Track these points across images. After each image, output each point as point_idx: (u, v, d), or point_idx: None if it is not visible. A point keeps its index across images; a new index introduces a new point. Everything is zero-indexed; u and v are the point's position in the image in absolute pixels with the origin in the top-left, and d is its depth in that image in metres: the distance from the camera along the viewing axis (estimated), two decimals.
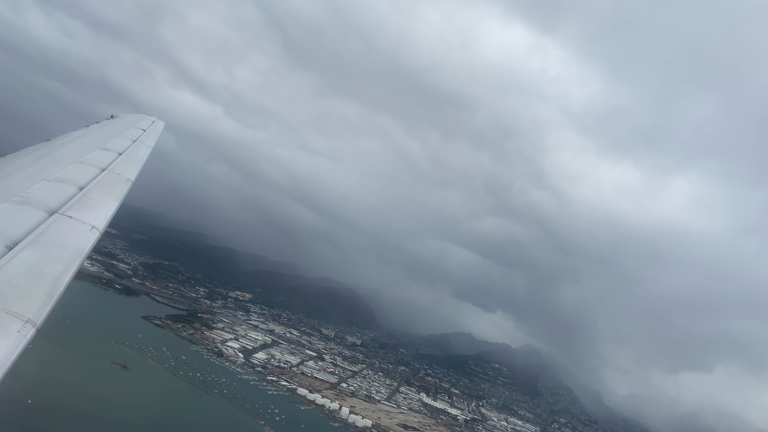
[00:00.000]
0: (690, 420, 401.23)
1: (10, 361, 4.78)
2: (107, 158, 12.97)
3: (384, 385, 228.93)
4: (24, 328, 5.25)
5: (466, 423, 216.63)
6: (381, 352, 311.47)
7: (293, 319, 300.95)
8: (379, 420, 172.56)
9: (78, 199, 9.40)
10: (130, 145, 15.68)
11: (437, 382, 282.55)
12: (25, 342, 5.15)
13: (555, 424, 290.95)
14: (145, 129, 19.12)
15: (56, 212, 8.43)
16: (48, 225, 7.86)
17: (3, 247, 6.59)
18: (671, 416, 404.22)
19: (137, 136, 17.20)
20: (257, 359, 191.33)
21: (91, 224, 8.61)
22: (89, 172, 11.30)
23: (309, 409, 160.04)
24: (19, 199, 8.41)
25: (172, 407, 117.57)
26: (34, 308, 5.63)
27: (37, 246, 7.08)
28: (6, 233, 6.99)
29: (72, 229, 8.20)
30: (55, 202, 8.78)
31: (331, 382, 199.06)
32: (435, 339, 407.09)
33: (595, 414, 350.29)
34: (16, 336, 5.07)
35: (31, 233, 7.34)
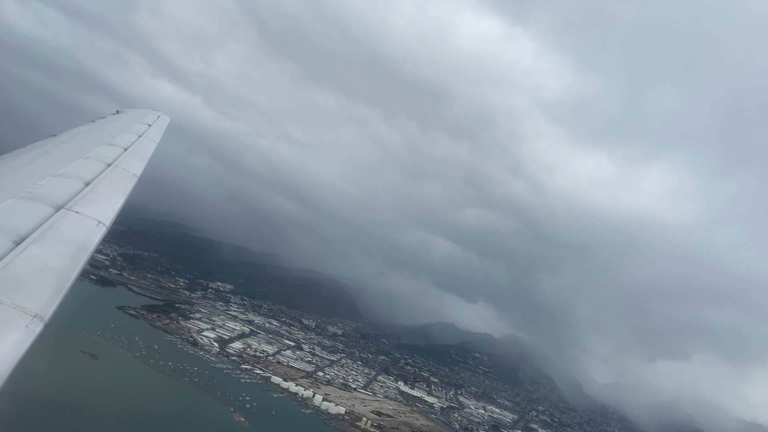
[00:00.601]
0: (669, 408, 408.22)
1: (18, 356, 4.83)
2: (113, 153, 13.06)
3: (362, 374, 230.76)
4: (32, 323, 5.27)
5: (442, 410, 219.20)
6: (362, 342, 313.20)
7: (274, 310, 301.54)
8: (353, 407, 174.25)
9: (84, 195, 9.44)
10: (135, 140, 15.75)
11: (417, 371, 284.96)
12: (34, 337, 5.19)
13: (533, 412, 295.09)
14: (150, 124, 19.25)
15: (63, 207, 8.48)
16: (55, 220, 7.92)
17: (10, 243, 6.64)
18: (650, 404, 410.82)
19: (142, 131, 17.29)
20: (233, 348, 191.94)
21: (97, 219, 8.64)
22: (95, 167, 11.37)
23: (282, 397, 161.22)
24: (25, 195, 8.45)
25: (138, 394, 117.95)
26: (41, 303, 5.66)
27: (44, 241, 7.12)
28: (13, 229, 7.03)
29: (78, 225, 8.24)
30: (62, 197, 8.84)
31: (308, 370, 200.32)
32: (417, 329, 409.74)
33: (574, 402, 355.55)
34: (24, 331, 5.10)
35: (38, 228, 7.38)
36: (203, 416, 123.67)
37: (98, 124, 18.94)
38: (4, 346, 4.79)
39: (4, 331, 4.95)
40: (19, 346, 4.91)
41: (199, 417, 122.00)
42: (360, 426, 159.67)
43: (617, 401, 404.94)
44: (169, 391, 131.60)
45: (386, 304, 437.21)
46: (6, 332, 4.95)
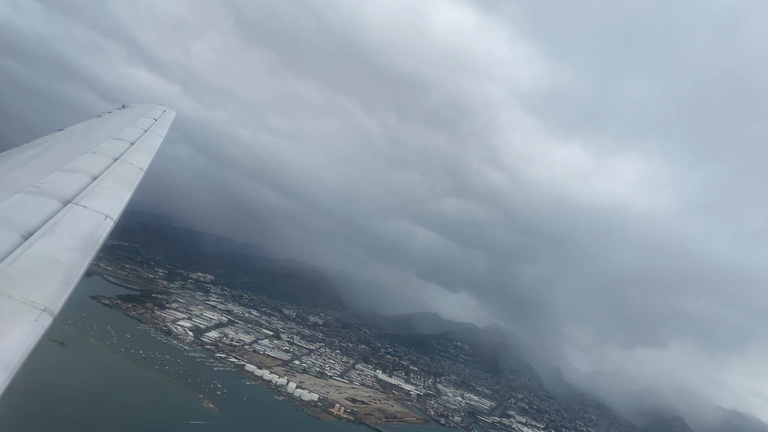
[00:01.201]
0: (647, 395, 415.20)
1: (28, 350, 4.87)
2: (119, 148, 13.09)
3: (340, 363, 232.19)
4: (41, 316, 5.32)
5: (418, 398, 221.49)
6: (343, 331, 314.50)
7: (255, 300, 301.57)
8: (327, 394, 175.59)
9: (91, 189, 9.48)
10: (141, 134, 15.69)
11: (397, 360, 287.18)
12: (43, 331, 5.22)
13: (512, 399, 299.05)
14: (156, 118, 19.27)
15: (70, 202, 8.52)
16: (62, 215, 7.97)
17: (19, 237, 6.68)
18: (629, 391, 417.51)
19: (148, 126, 17.31)
20: (208, 338, 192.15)
21: (104, 213, 8.68)
22: (102, 161, 11.41)
23: (255, 384, 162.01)
24: (33, 190, 8.51)
25: (104, 382, 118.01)
26: (50, 297, 5.71)
27: (52, 235, 7.17)
28: (21, 223, 7.07)
29: (86, 219, 8.27)
30: (69, 191, 8.87)
31: (284, 359, 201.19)
32: (400, 319, 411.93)
33: (554, 390, 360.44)
34: (33, 325, 5.14)
35: (46, 223, 7.44)
36: (171, 403, 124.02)
37: (104, 119, 19.06)
38: (14, 339, 4.83)
39: (14, 325, 4.99)
40: (29, 340, 4.92)
41: (166, 403, 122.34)
42: (333, 412, 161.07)
43: (597, 389, 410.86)
44: (137, 378, 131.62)
45: (369, 295, 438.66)
46: (15, 326, 4.99)
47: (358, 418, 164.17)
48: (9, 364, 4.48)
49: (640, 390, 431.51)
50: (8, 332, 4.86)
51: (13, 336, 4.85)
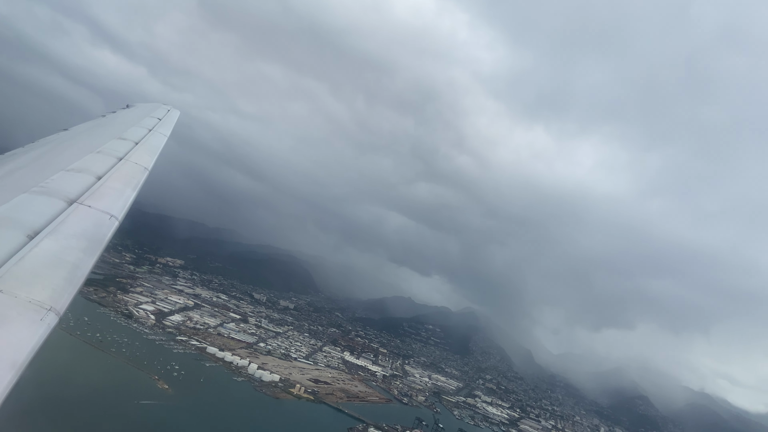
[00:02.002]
0: (614, 375, 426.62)
1: (34, 349, 4.91)
2: (124, 147, 13.09)
3: (307, 345, 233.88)
4: (47, 316, 5.35)
5: (384, 378, 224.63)
6: (314, 315, 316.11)
7: (225, 285, 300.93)
8: (289, 375, 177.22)
9: (96, 189, 9.49)
10: (146, 134, 15.70)
11: (367, 342, 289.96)
12: (49, 330, 5.25)
13: (480, 380, 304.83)
14: (160, 118, 19.21)
15: (75, 202, 8.54)
16: (67, 214, 7.98)
17: (24, 237, 6.69)
18: (597, 372, 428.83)
19: (153, 125, 17.30)
20: (171, 321, 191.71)
21: (109, 213, 8.72)
22: (106, 161, 11.42)
23: (215, 366, 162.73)
24: (38, 189, 8.51)
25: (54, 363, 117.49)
26: (56, 297, 5.74)
27: (57, 235, 7.17)
28: (27, 223, 7.08)
29: (91, 218, 8.29)
30: (74, 191, 8.88)
31: (249, 342, 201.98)
32: (374, 303, 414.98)
33: (524, 371, 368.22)
34: (38, 324, 5.18)
35: (51, 223, 7.45)
36: (123, 384, 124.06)
37: (109, 119, 19.07)
38: (20, 338, 4.86)
39: (20, 324, 5.03)
40: (35, 339, 4.96)
41: (117, 384, 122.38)
42: (293, 392, 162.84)
43: (567, 370, 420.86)
44: (90, 360, 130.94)
45: (343, 279, 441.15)
46: (21, 325, 5.02)
47: (318, 397, 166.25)
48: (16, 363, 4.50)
49: (608, 370, 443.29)
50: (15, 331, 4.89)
51: (19, 335, 4.88)
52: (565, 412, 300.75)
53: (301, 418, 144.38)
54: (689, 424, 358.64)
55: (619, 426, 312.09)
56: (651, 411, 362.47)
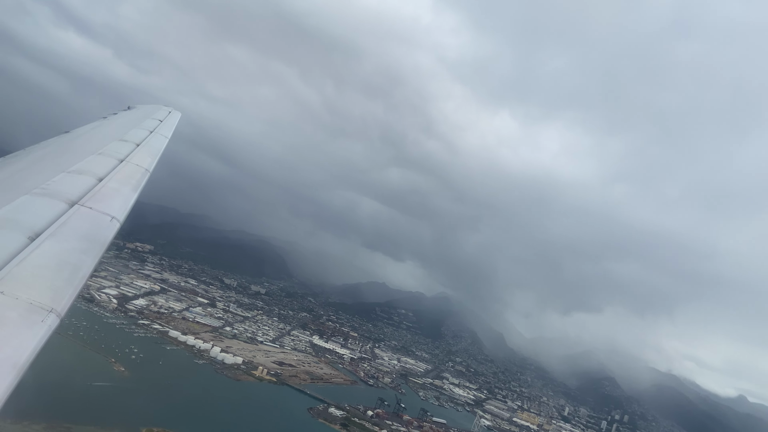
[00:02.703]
0: (582, 358, 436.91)
1: (35, 350, 4.89)
2: (125, 149, 13.06)
3: (275, 329, 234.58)
4: (48, 317, 5.32)
5: (352, 361, 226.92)
6: (286, 300, 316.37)
7: (195, 270, 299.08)
8: (253, 358, 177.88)
9: (97, 190, 9.45)
10: (147, 135, 15.71)
11: (338, 327, 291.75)
12: (50, 332, 5.22)
13: (450, 363, 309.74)
14: (161, 119, 19.16)
15: (76, 203, 8.50)
16: (69, 216, 7.95)
17: (25, 239, 6.66)
18: (567, 355, 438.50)
19: (154, 127, 17.26)
20: (134, 305, 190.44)
21: (111, 215, 8.69)
22: (108, 163, 11.35)
23: (176, 350, 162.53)
24: (39, 191, 8.47)
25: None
26: (57, 298, 5.71)
27: (58, 237, 7.15)
28: (28, 224, 7.06)
29: (92, 220, 8.27)
30: (75, 193, 8.85)
31: (214, 326, 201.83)
32: (348, 288, 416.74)
33: (495, 354, 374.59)
34: (40, 326, 5.15)
35: (53, 224, 7.42)
36: (77, 366, 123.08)
37: (110, 120, 19.02)
38: (22, 340, 4.85)
39: (21, 326, 5.01)
40: (36, 340, 4.95)
41: (72, 366, 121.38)
42: (255, 374, 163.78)
43: (538, 353, 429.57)
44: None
45: (318, 265, 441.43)
46: (23, 327, 5.01)
47: (281, 379, 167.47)
48: (17, 364, 4.52)
49: (577, 353, 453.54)
50: (16, 333, 4.89)
51: (20, 336, 4.88)
52: (532, 394, 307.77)
53: (261, 399, 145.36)
54: (654, 404, 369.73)
55: (585, 406, 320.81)
56: (617, 392, 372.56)
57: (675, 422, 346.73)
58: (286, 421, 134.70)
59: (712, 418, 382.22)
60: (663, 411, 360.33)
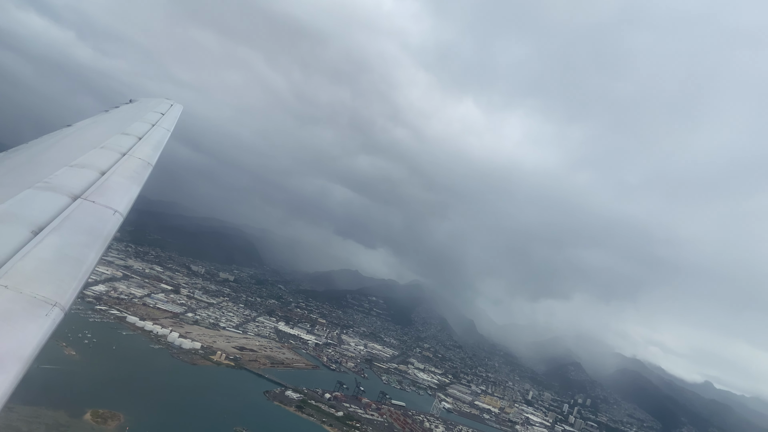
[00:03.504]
0: (551, 344, 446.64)
1: (40, 344, 4.90)
2: (127, 143, 12.98)
3: (240, 316, 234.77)
4: (52, 311, 5.32)
5: (316, 347, 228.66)
6: (255, 287, 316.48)
7: (162, 257, 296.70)
8: (213, 343, 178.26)
9: (100, 184, 9.41)
10: (149, 129, 15.62)
11: (306, 313, 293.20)
12: (54, 325, 5.23)
13: (417, 348, 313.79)
14: (163, 113, 19.02)
15: (79, 197, 8.46)
16: (72, 210, 7.93)
17: (29, 233, 6.64)
18: (536, 341, 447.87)
19: (156, 120, 17.12)
20: (93, 291, 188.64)
21: (113, 209, 8.64)
22: (110, 156, 11.34)
23: (133, 335, 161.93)
24: (42, 185, 8.44)
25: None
26: (61, 292, 5.71)
27: (62, 231, 7.13)
28: (31, 218, 7.06)
29: (95, 214, 8.23)
30: (78, 187, 8.81)
31: (176, 312, 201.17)
32: (320, 276, 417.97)
33: (464, 341, 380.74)
34: (44, 319, 5.16)
35: (56, 218, 7.41)
36: None
37: (112, 114, 18.93)
38: (26, 334, 4.87)
39: (26, 320, 5.04)
40: (40, 334, 4.97)
41: None
42: (213, 359, 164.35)
43: (509, 340, 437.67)
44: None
45: (291, 252, 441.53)
46: (27, 321, 5.04)
47: (240, 363, 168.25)
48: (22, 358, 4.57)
49: (546, 339, 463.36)
50: (20, 327, 4.92)
51: (25, 330, 4.90)
52: (499, 379, 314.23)
53: (216, 382, 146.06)
54: (617, 388, 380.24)
55: (550, 390, 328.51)
56: (582, 376, 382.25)
57: (637, 405, 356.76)
58: (240, 403, 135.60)
59: (675, 402, 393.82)
60: (626, 395, 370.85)
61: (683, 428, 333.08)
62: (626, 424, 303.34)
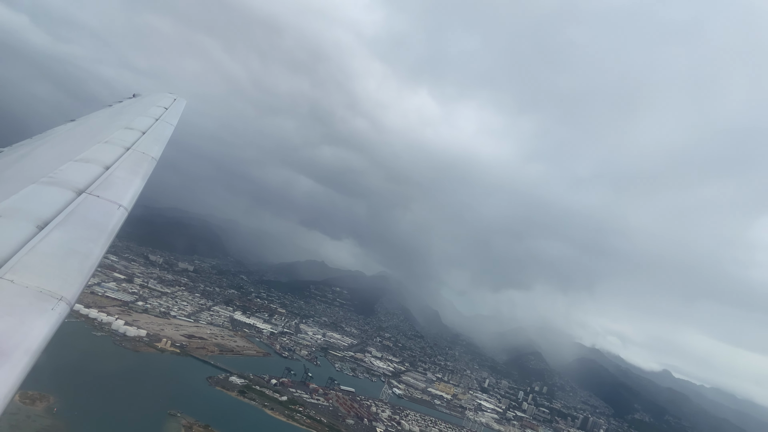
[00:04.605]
0: (513, 334, 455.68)
1: (46, 338, 4.92)
2: (131, 137, 12.97)
3: (194, 305, 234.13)
4: (58, 305, 5.35)
5: (271, 335, 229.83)
6: (216, 277, 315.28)
7: (118, 246, 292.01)
8: (161, 331, 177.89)
9: (104, 179, 9.45)
10: (152, 123, 15.63)
11: (266, 303, 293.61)
12: (61, 319, 5.25)
13: (377, 338, 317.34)
14: (166, 107, 19.00)
15: (84, 192, 8.50)
16: (76, 204, 7.95)
17: (34, 227, 6.67)
18: (498, 332, 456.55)
19: (159, 115, 17.09)
20: None
21: (118, 203, 8.70)
22: (114, 151, 11.35)
23: (74, 322, 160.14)
24: (47, 180, 8.48)
25: None
26: (67, 286, 5.72)
27: (67, 225, 7.16)
28: (36, 213, 7.08)
29: (100, 208, 8.26)
30: (83, 181, 8.84)
31: (125, 300, 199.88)
32: (285, 267, 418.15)
33: (427, 331, 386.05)
34: (50, 313, 5.19)
35: (61, 213, 7.44)
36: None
37: (116, 109, 19.03)
38: (33, 328, 4.91)
39: (32, 314, 5.07)
40: (47, 328, 5.01)
41: None
42: (158, 346, 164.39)
43: (473, 330, 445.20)
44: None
45: (257, 243, 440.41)
46: (33, 315, 5.07)
47: (186, 351, 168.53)
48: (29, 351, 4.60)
49: (509, 330, 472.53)
50: (27, 321, 4.96)
51: (31, 324, 4.93)
52: (457, 367, 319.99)
53: (157, 368, 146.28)
54: (575, 377, 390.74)
55: (508, 378, 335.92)
56: (541, 365, 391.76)
57: (593, 393, 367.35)
58: (178, 388, 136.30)
59: (630, 390, 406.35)
60: (582, 383, 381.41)
61: (636, 414, 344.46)
62: (579, 410, 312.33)
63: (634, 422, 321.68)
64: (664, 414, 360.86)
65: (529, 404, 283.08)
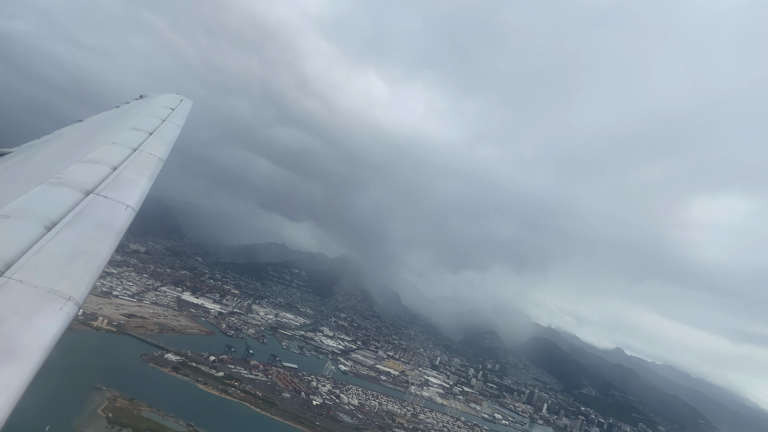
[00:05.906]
0: (471, 314, 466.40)
1: (55, 338, 4.92)
2: (138, 138, 13.00)
3: (141, 285, 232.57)
4: (66, 305, 5.36)
5: (219, 315, 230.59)
6: (169, 259, 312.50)
7: None
8: (99, 310, 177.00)
9: (112, 180, 9.47)
10: (159, 124, 15.65)
11: (219, 284, 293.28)
12: (69, 319, 5.27)
13: (332, 318, 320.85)
14: (173, 108, 19.04)
15: (92, 192, 8.54)
16: (84, 205, 7.99)
17: (42, 228, 6.67)
18: (457, 312, 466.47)
19: (166, 116, 17.19)
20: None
21: (125, 204, 8.68)
22: (121, 152, 11.34)
23: None
24: (55, 181, 8.49)
25: None
26: (75, 286, 5.73)
27: (75, 226, 7.18)
28: (44, 214, 7.09)
29: (107, 209, 8.28)
30: (90, 182, 8.87)
31: None
32: (244, 249, 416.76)
33: (386, 312, 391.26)
34: (58, 313, 5.20)
35: (69, 213, 7.46)
36: None
37: (123, 110, 18.91)
38: (41, 328, 4.92)
39: (40, 314, 5.09)
40: (55, 328, 5.05)
41: None
42: (94, 324, 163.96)
43: (434, 311, 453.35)
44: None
45: (217, 225, 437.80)
46: (42, 315, 5.09)
47: (123, 329, 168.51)
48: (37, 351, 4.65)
49: (468, 310, 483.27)
50: (35, 321, 4.99)
51: (40, 324, 4.96)
52: (411, 346, 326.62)
53: (89, 346, 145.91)
54: (528, 355, 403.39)
55: (461, 357, 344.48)
56: (496, 344, 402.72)
57: (545, 370, 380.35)
58: (109, 364, 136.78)
59: (580, 367, 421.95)
60: (536, 360, 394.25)
61: (583, 389, 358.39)
62: (529, 386, 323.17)
63: (580, 396, 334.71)
64: (611, 389, 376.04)
65: (478, 381, 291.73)
